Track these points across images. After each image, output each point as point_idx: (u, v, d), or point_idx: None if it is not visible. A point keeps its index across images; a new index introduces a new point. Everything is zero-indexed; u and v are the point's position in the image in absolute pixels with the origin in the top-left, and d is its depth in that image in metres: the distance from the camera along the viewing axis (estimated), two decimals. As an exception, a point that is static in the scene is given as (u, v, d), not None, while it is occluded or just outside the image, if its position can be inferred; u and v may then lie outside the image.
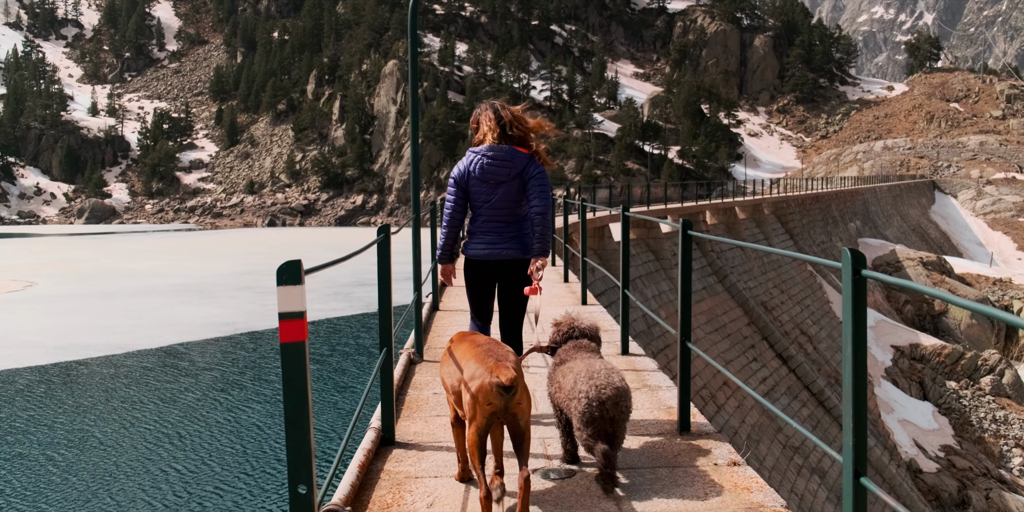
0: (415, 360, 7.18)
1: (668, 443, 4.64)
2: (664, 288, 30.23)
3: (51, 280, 56.66)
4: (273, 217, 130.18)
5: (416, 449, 4.58)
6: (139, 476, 21.46)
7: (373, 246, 4.10)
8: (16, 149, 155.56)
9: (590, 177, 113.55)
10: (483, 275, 5.48)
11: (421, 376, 6.70)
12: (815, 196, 57.56)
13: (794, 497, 25.86)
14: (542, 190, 5.32)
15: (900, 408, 39.39)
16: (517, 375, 3.78)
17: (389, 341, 4.54)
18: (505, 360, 3.87)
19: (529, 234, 5.42)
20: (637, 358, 7.10)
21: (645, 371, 6.61)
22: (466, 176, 5.40)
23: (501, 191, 5.34)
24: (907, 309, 54.14)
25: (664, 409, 5.38)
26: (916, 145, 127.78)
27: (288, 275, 2.24)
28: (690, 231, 4.61)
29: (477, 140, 5.49)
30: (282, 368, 2.28)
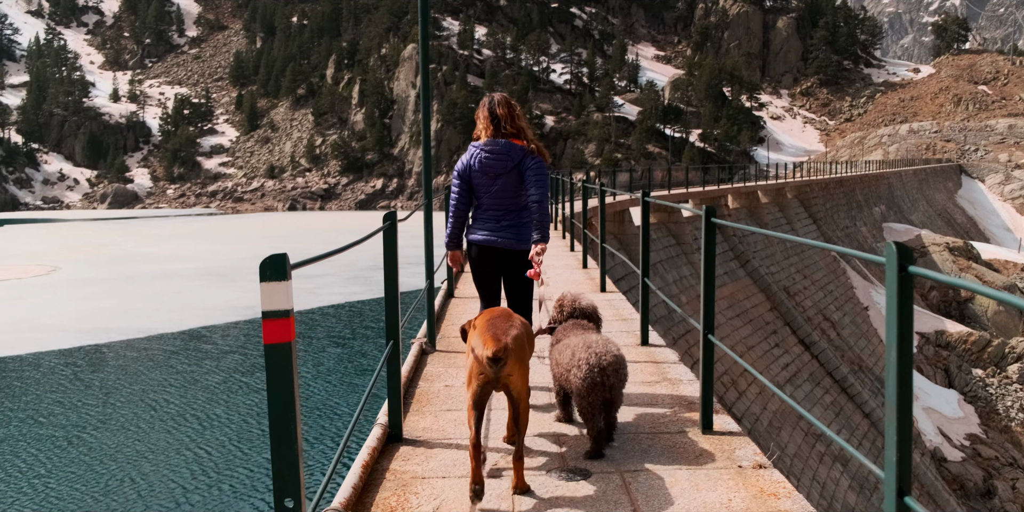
0: (427, 350, 6.92)
1: (689, 442, 4.39)
2: (685, 273, 29.94)
3: (74, 264, 56.98)
4: (293, 201, 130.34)
5: (424, 446, 4.39)
6: (164, 457, 21.55)
7: (373, 236, 3.92)
8: (39, 135, 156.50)
9: (610, 161, 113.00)
10: (485, 260, 5.80)
11: (433, 367, 6.45)
12: (839, 180, 56.96)
13: (816, 484, 25.63)
14: (539, 180, 5.63)
15: (925, 396, 38.98)
16: (508, 348, 4.00)
17: (396, 332, 4.34)
18: (503, 334, 4.09)
19: (528, 223, 5.75)
20: (657, 349, 6.84)
21: (665, 363, 6.35)
22: (468, 169, 5.77)
23: (500, 182, 5.68)
24: (932, 295, 53.55)
25: (685, 405, 5.13)
26: (943, 128, 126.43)
27: (272, 270, 2.02)
28: (714, 219, 4.36)
29: (476, 134, 5.83)
30: (267, 372, 2.07)
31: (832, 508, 25.18)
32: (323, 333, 36.56)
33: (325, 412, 24.72)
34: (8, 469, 20.84)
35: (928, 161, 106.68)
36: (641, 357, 6.53)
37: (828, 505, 25.15)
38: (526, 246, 5.70)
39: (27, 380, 28.99)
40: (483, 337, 4.08)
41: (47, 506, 18.75)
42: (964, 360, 43.80)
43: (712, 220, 4.38)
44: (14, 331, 35.22)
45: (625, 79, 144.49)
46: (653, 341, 7.02)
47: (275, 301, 2.02)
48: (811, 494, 24.65)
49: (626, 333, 7.48)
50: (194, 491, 19.50)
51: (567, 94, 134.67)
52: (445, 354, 6.92)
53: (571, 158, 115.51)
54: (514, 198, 5.74)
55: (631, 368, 5.95)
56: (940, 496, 31.74)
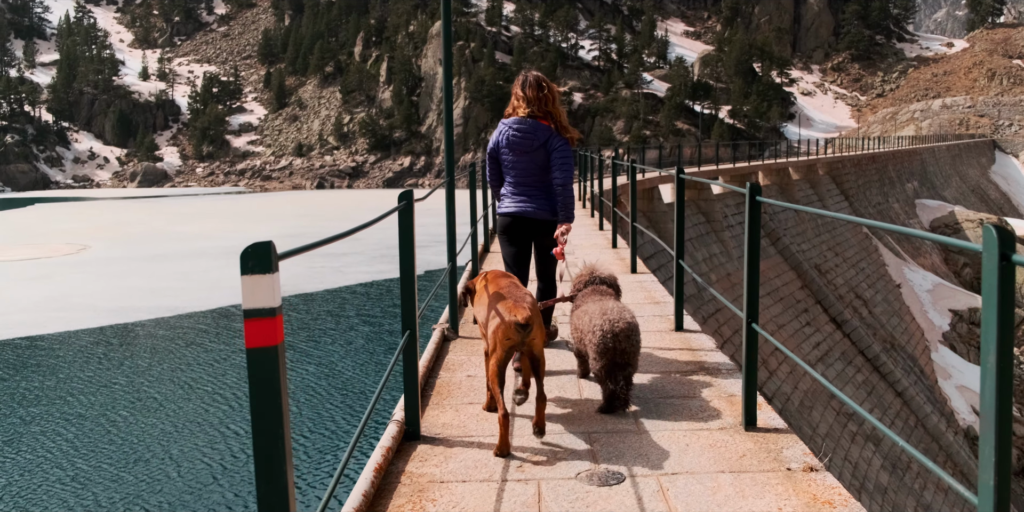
0: (450, 337, 6.53)
1: (731, 441, 4.01)
2: (715, 251, 29.51)
3: (104, 243, 57.28)
4: (322, 179, 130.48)
5: (444, 445, 4.07)
6: (195, 436, 21.53)
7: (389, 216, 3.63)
8: (70, 114, 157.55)
9: (639, 138, 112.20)
10: (513, 231, 6.07)
11: (456, 355, 6.05)
12: (871, 156, 56.07)
13: (848, 464, 25.27)
14: (563, 163, 5.88)
15: (958, 374, 38.40)
16: (532, 314, 4.34)
17: (413, 322, 4.00)
18: (522, 301, 4.45)
19: (554, 199, 6.03)
20: (692, 335, 6.41)
21: (702, 351, 5.91)
22: (496, 147, 6.07)
23: (527, 160, 5.93)
24: (966, 272, 52.77)
25: (725, 398, 4.72)
26: (976, 103, 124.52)
27: (255, 261, 1.64)
28: (759, 197, 3.98)
29: (507, 112, 6.06)
30: (249, 380, 1.73)
31: (864, 488, 24.82)
32: (352, 312, 36.52)
33: (347, 402, 24.51)
34: (38, 448, 20.87)
35: (961, 136, 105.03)
36: (675, 344, 6.13)
37: (860, 485, 24.79)
38: (555, 217, 5.99)
39: (57, 359, 29.10)
40: (506, 305, 4.39)
41: (78, 484, 18.70)
42: (999, 338, 43.01)
43: (757, 199, 3.95)
44: (44, 310, 35.36)
45: (654, 55, 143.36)
46: (688, 326, 6.60)
47: (259, 297, 1.64)
48: (843, 474, 24.30)
49: (659, 317, 7.11)
50: (226, 471, 19.45)
51: (595, 71, 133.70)
52: (468, 341, 6.51)
53: (599, 135, 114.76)
54: (542, 175, 5.97)
55: (665, 356, 5.67)
56: (973, 475, 31.29)
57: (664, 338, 6.25)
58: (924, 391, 34.49)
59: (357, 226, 3.01)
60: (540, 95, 5.90)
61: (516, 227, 6.07)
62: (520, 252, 6.14)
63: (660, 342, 6.13)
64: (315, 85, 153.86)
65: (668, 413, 4.50)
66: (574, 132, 6.06)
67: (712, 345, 5.85)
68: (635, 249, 9.32)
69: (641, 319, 6.85)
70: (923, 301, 43.04)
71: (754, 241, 4.02)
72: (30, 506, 17.80)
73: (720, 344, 24.55)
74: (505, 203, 6.11)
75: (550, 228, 6.03)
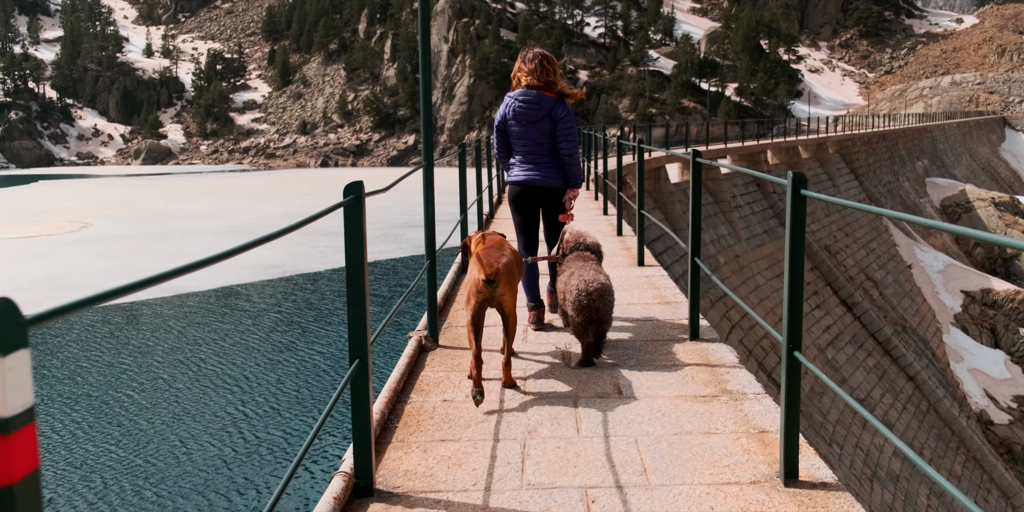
0: (427, 347, 5.56)
1: (767, 500, 3.11)
2: (723, 232, 28.80)
3: (105, 221, 56.82)
4: (326, 157, 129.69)
5: (404, 504, 3.13)
6: (197, 416, 21.21)
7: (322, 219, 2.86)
8: (74, 91, 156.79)
9: (645, 116, 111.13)
10: (523, 198, 6.38)
11: (433, 371, 5.08)
12: (881, 134, 55.08)
13: (859, 452, 24.66)
14: (568, 134, 6.18)
15: (970, 356, 37.67)
16: (500, 273, 4.79)
17: (364, 348, 3.11)
18: (496, 261, 4.85)
19: (560, 167, 6.33)
20: (710, 346, 5.39)
21: (722, 367, 4.88)
22: (503, 120, 6.31)
23: (533, 130, 6.19)
24: (977, 252, 51.92)
25: (755, 435, 3.77)
26: (986, 80, 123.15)
27: None
28: (804, 191, 3.13)
29: (513, 86, 6.33)
30: None
31: (876, 476, 24.22)
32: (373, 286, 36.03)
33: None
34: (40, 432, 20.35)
35: (970, 114, 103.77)
36: (691, 357, 5.17)
37: (872, 473, 24.19)
38: (563, 184, 6.32)
39: (52, 340, 28.66)
40: (478, 264, 4.85)
41: (86, 468, 18.33)
42: (1011, 319, 42.29)
43: (801, 192, 3.14)
44: (41, 289, 34.77)
45: (660, 32, 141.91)
46: (705, 334, 5.64)
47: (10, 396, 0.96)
48: (854, 462, 23.70)
49: (671, 323, 6.08)
50: (229, 451, 19.08)
51: (601, 48, 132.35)
52: (450, 352, 5.54)
53: (605, 113, 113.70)
54: (548, 144, 6.25)
55: (678, 374, 4.83)
56: (987, 461, 30.67)
57: (678, 350, 5.38)
58: (936, 375, 33.82)
59: (295, 224, 2.33)
60: (540, 66, 6.15)
61: (526, 195, 6.37)
62: (529, 218, 6.48)
63: (672, 355, 5.25)
64: (319, 62, 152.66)
65: (686, 458, 3.58)
66: (577, 92, 6.27)
67: (734, 359, 4.99)
68: (643, 239, 8.40)
69: (650, 324, 6.11)
70: (934, 282, 42.26)
71: (797, 248, 3.13)
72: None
73: (732, 342, 23.85)
74: (514, 172, 6.40)
75: (558, 195, 6.36)
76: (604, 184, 13.48)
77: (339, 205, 3.01)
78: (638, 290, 7.34)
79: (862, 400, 26.99)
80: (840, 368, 28.08)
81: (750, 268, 28.61)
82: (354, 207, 3.03)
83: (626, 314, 6.40)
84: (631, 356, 5.25)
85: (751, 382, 4.50)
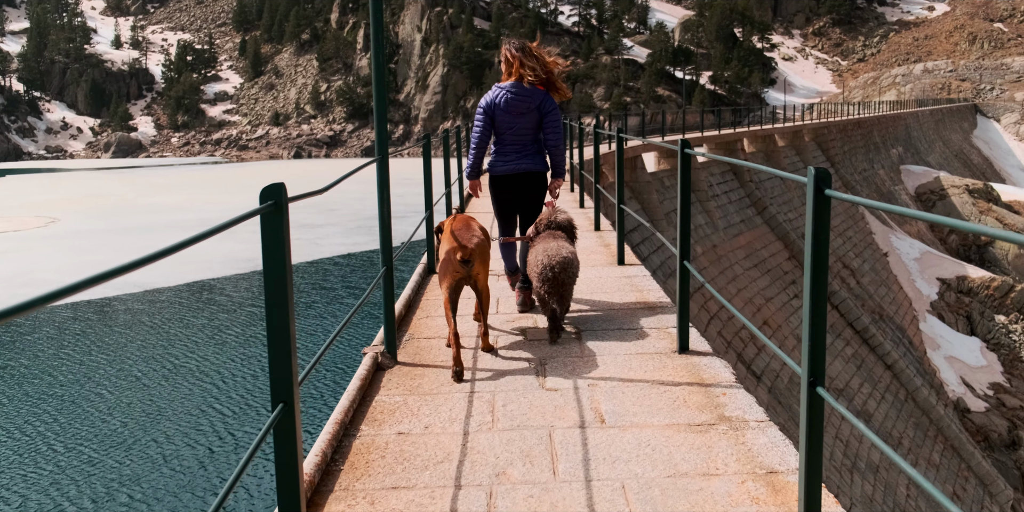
0: (384, 365, 4.94)
1: None
2: (700, 222, 28.47)
3: (74, 216, 56.18)
4: (299, 149, 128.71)
5: None
6: (173, 414, 20.86)
7: None
8: (41, 83, 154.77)
9: (619, 104, 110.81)
10: (507, 188, 6.57)
11: (389, 395, 4.47)
12: (856, 122, 54.96)
13: (839, 443, 24.45)
14: (555, 126, 6.45)
15: (947, 344, 37.60)
16: (474, 252, 5.12)
17: (289, 390, 2.54)
18: (468, 242, 5.15)
19: (543, 155, 6.60)
20: (702, 360, 4.81)
21: (717, 387, 4.35)
22: (492, 107, 6.40)
23: (522, 121, 6.38)
24: (951, 239, 51.92)
25: (762, 477, 3.26)
26: (958, 67, 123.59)
27: None
28: (828, 191, 2.56)
29: (504, 78, 6.49)
30: None
31: (856, 467, 24.02)
32: (337, 283, 35.79)
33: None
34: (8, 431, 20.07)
35: (941, 101, 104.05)
36: (682, 375, 4.57)
37: (852, 465, 23.99)
38: (546, 169, 6.63)
39: (20, 337, 28.14)
40: (453, 244, 5.14)
41: (54, 467, 17.98)
42: (987, 306, 42.25)
43: (826, 192, 2.57)
44: (8, 285, 34.19)
45: (634, 21, 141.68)
46: (695, 346, 5.06)
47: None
48: (834, 454, 23.48)
49: (657, 331, 5.53)
50: (212, 454, 18.68)
51: (575, 37, 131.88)
52: (410, 370, 4.88)
53: (579, 102, 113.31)
54: (534, 134, 6.49)
55: (670, 397, 4.26)
56: (965, 449, 30.57)
57: (666, 366, 4.80)
58: (913, 363, 33.69)
59: (211, 229, 1.89)
60: (538, 62, 6.41)
61: (511, 183, 6.56)
62: (511, 205, 6.66)
63: (661, 372, 4.69)
64: (291, 53, 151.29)
65: (681, 510, 3.15)
66: (565, 91, 6.60)
67: (730, 377, 4.46)
68: (623, 236, 7.97)
69: (633, 333, 5.57)
70: (911, 270, 42.16)
71: (821, 256, 2.66)
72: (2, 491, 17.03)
73: (710, 330, 23.52)
74: (498, 162, 6.54)
75: (541, 179, 6.63)
76: (581, 175, 13.04)
77: (255, 212, 2.44)
78: (619, 292, 6.82)
79: (840, 390, 26.78)
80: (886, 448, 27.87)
81: (727, 258, 28.31)
82: (274, 214, 2.50)
83: (608, 321, 5.94)
84: (615, 374, 4.70)
85: (752, 406, 3.98)
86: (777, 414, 21.78)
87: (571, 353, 5.18)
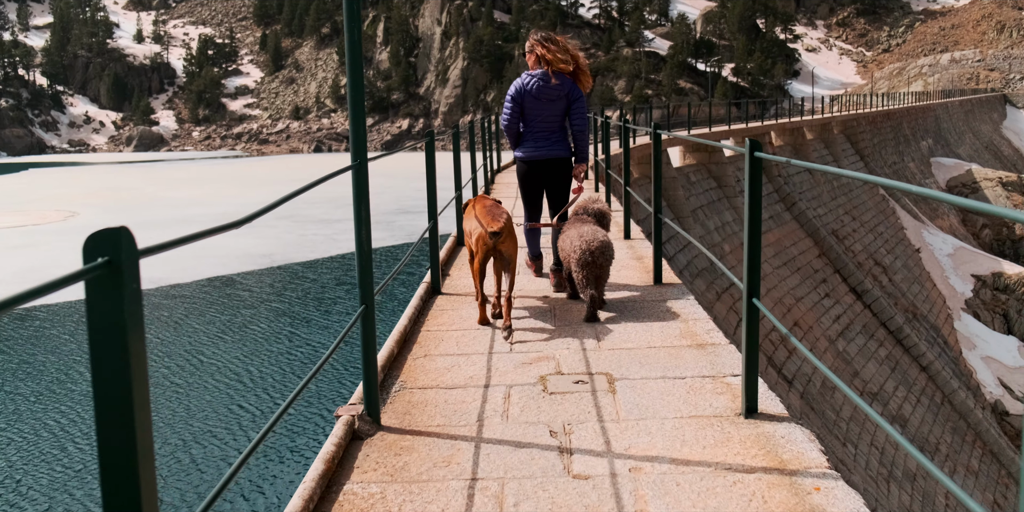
0: (363, 433, 3.76)
1: None
2: (728, 219, 27.58)
3: (93, 210, 55.91)
4: (319, 143, 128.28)
5: None
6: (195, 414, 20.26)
7: None
8: (64, 78, 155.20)
9: (640, 97, 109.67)
10: (535, 174, 6.88)
11: (364, 482, 3.33)
12: (885, 113, 53.74)
13: (875, 451, 23.51)
14: (581, 113, 6.73)
15: (983, 344, 36.45)
16: (503, 226, 5.64)
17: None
18: (498, 217, 5.72)
19: (568, 141, 6.93)
20: (776, 429, 3.66)
21: (804, 476, 3.17)
22: (522, 94, 6.67)
23: (551, 108, 6.67)
24: (985, 234, 50.66)
25: None
26: (986, 57, 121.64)
27: None
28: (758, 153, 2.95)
29: (533, 66, 6.72)
30: None
31: (893, 476, 23.08)
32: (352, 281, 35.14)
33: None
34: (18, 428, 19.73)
35: (964, 92, 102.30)
36: (752, 454, 3.44)
37: (889, 473, 23.04)
38: (568, 155, 6.90)
39: (41, 332, 27.85)
40: (485, 219, 5.64)
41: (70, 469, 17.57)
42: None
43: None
44: (21, 281, 33.72)
45: (655, 13, 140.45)
46: (766, 407, 3.88)
47: None
48: (870, 462, 22.55)
49: (712, 384, 4.32)
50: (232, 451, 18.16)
51: (596, 29, 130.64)
52: (396, 440, 3.72)
53: (600, 95, 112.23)
54: (561, 122, 6.79)
55: (739, 490, 3.07)
56: (1005, 455, 29.52)
57: (730, 436, 3.64)
58: (949, 364, 32.63)
59: None
60: (567, 53, 6.63)
61: (538, 168, 6.87)
62: (537, 190, 7.01)
63: (723, 446, 3.51)
64: (311, 47, 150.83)
65: None
66: (589, 79, 6.83)
67: (819, 458, 3.25)
68: (659, 252, 6.81)
69: (682, 387, 4.34)
70: (944, 266, 40.99)
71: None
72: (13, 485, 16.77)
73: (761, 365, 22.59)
74: (527, 148, 6.84)
75: (566, 165, 6.91)
76: (607, 174, 12.12)
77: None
78: (659, 324, 5.54)
79: (875, 394, 25.83)
80: (851, 360, 26.89)
81: (756, 256, 27.39)
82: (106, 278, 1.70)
83: (648, 365, 4.67)
84: (663, 450, 3.50)
85: (809, 450, 3.01)
86: (811, 421, 20.88)
87: (605, 415, 3.96)
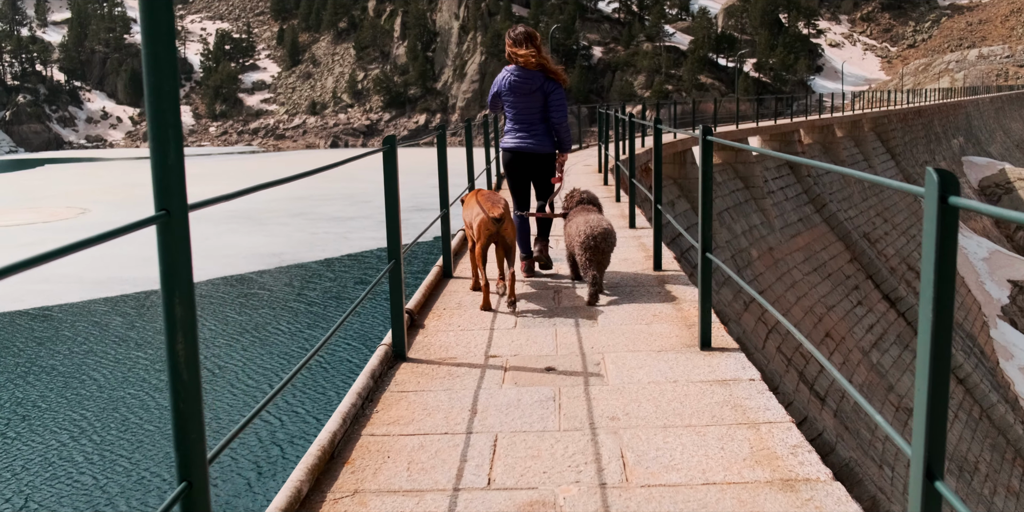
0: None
1: None
2: (755, 221, 26.14)
3: (105, 207, 55.31)
4: (336, 138, 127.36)
5: None
6: None
7: None
8: (82, 73, 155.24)
9: (661, 93, 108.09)
10: (516, 162, 7.25)
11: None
12: (916, 110, 52.05)
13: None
14: (558, 105, 7.07)
15: (1020, 353, 34.88)
16: (504, 212, 6.06)
17: None
18: (497, 204, 6.16)
19: (550, 134, 7.20)
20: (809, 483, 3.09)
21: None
22: (499, 91, 7.17)
23: (527, 101, 7.06)
24: (1019, 236, 48.96)
25: None
26: (1015, 53, 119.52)
27: None
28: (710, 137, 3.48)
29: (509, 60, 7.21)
30: None
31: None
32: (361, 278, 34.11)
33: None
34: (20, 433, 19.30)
35: (991, 89, 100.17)
36: None
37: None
38: (550, 150, 7.21)
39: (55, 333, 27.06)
40: (486, 205, 6.15)
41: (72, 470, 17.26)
42: (1062, 310, 39.38)
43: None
44: (25, 281, 32.91)
45: (676, 7, 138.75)
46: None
47: None
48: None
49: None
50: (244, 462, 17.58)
51: (615, 23, 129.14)
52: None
53: (619, 90, 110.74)
54: (539, 113, 7.11)
55: None
56: (1044, 471, 27.99)
57: None
58: (987, 376, 31.06)
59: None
60: (531, 50, 6.93)
61: (519, 160, 7.18)
62: (522, 181, 7.33)
63: None
64: (328, 42, 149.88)
65: None
66: (563, 75, 7.05)
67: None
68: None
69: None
70: (979, 271, 39.35)
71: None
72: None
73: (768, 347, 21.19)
74: (508, 139, 7.18)
75: (548, 160, 7.20)
76: (631, 177, 10.71)
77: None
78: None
79: (911, 410, 24.38)
80: (886, 373, 25.41)
81: (785, 262, 25.94)
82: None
83: None
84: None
85: None
86: (844, 442, 19.43)
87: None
